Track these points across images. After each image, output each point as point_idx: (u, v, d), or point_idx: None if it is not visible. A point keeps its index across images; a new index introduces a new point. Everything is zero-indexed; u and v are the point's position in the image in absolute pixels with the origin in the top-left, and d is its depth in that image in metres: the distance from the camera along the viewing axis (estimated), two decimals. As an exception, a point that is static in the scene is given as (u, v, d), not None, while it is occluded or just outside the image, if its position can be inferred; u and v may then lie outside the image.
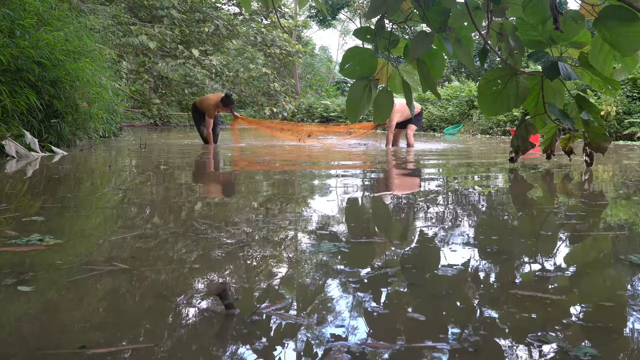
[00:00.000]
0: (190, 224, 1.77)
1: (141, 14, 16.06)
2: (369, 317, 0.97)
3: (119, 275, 1.19)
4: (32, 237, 1.50)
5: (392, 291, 1.11)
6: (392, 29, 2.90)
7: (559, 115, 3.45)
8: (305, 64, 33.96)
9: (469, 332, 0.90)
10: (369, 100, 2.91)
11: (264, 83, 21.13)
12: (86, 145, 6.12)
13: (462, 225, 1.84)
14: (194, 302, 1.03)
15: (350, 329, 0.92)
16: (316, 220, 1.90)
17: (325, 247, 1.46)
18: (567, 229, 1.81)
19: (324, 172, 3.76)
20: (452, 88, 18.10)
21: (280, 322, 0.94)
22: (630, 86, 11.19)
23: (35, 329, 0.90)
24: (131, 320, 0.95)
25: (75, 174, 3.40)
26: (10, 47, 4.62)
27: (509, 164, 4.39)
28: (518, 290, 1.12)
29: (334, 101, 25.15)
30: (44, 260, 1.29)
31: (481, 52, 3.21)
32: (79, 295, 1.07)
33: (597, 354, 0.82)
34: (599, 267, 1.37)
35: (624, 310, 1.03)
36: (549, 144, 4.28)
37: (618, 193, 2.81)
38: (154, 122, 18.01)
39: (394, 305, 1.04)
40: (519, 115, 12.02)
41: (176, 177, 3.45)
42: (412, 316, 0.97)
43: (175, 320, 0.95)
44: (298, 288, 1.14)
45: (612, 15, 2.67)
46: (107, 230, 1.71)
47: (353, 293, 1.10)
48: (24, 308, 0.99)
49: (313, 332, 0.91)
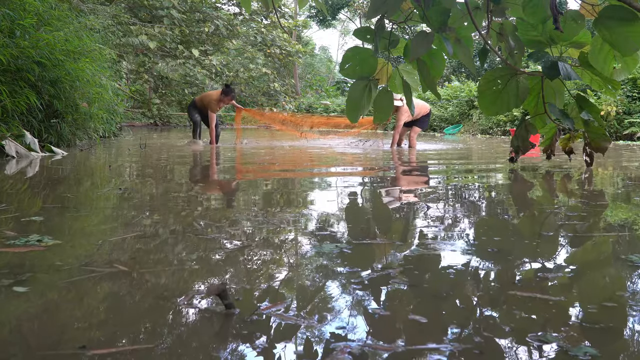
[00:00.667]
0: (190, 224, 1.77)
1: (141, 14, 16.06)
2: (371, 318, 0.97)
3: (118, 276, 1.19)
4: (31, 237, 1.49)
5: (393, 291, 1.11)
6: (392, 29, 2.90)
7: (559, 115, 3.45)
8: (305, 64, 33.96)
9: (470, 332, 0.90)
10: (369, 100, 2.91)
11: (264, 83, 21.14)
12: (86, 145, 6.12)
13: (463, 226, 1.84)
14: (194, 302, 1.03)
15: (351, 329, 0.92)
16: (322, 229, 1.89)
17: (327, 248, 1.46)
18: (568, 229, 1.81)
19: (327, 181, 3.76)
20: (452, 88, 18.11)
21: (280, 323, 0.94)
22: (630, 86, 11.19)
23: (32, 330, 0.90)
24: (131, 320, 0.94)
25: (75, 174, 3.40)
26: (10, 47, 4.62)
27: (509, 164, 4.38)
28: (518, 291, 1.12)
29: (334, 101, 25.16)
30: (42, 262, 1.28)
31: (481, 52, 3.21)
32: (78, 296, 1.06)
33: (597, 354, 0.82)
34: (599, 267, 1.37)
35: (625, 310, 1.02)
36: (549, 144, 4.28)
37: (618, 193, 2.81)
38: (154, 122, 18.02)
39: (396, 306, 1.04)
40: (519, 115, 12.02)
41: (176, 178, 3.45)
42: (414, 318, 0.97)
43: (175, 320, 0.95)
44: (298, 288, 1.14)
45: (612, 15, 2.67)
46: (107, 231, 1.71)
47: (354, 293, 1.10)
48: (21, 309, 0.99)
49: (314, 332, 0.91)
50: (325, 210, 2.14)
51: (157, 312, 0.98)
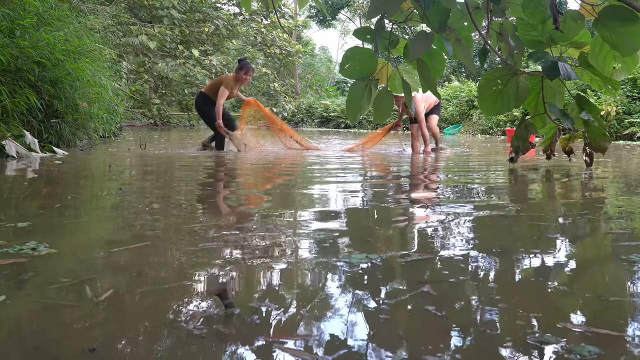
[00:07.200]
0: (194, 231, 1.77)
1: (141, 14, 16.07)
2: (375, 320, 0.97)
3: (118, 278, 1.19)
4: (25, 245, 1.39)
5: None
6: (392, 29, 2.90)
7: (559, 115, 3.45)
8: (305, 64, 33.96)
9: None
10: (369, 100, 2.91)
11: (264, 83, 21.14)
12: (86, 145, 6.12)
13: (463, 227, 1.84)
14: (194, 302, 1.03)
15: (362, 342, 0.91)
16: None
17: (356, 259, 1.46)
18: (568, 230, 1.81)
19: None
20: (452, 88, 18.11)
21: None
22: (630, 86, 11.19)
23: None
24: (131, 320, 0.95)
25: (75, 175, 3.40)
26: (10, 47, 4.62)
27: (508, 164, 4.38)
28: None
29: (334, 101, 25.14)
30: (35, 271, 1.22)
31: (481, 52, 3.21)
32: (75, 295, 1.06)
33: (600, 352, 0.82)
34: (600, 267, 1.37)
35: (626, 310, 1.03)
36: (549, 144, 4.28)
37: (618, 193, 2.81)
38: (154, 122, 18.01)
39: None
40: (519, 115, 12.02)
41: (177, 178, 3.45)
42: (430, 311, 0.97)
43: (175, 320, 0.94)
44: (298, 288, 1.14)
45: (612, 15, 2.67)
46: (106, 237, 1.71)
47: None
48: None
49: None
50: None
51: (157, 312, 0.98)
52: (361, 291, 1.10)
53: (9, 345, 0.84)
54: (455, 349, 0.84)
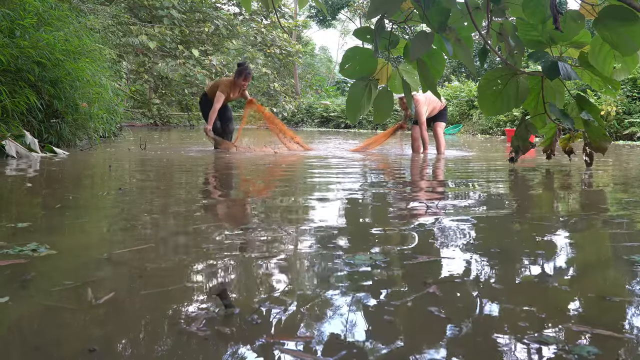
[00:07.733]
0: (194, 231, 1.77)
1: (141, 14, 16.07)
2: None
3: (118, 279, 1.19)
4: (26, 247, 1.39)
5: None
6: (392, 29, 2.90)
7: (559, 115, 3.45)
8: (305, 64, 33.96)
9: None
10: (369, 101, 2.91)
11: (264, 83, 21.15)
12: (86, 145, 6.12)
13: (463, 227, 1.84)
14: (194, 303, 1.03)
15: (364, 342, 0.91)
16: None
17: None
18: (569, 230, 1.81)
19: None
20: (452, 88, 18.12)
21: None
22: (630, 86, 11.20)
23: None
24: (131, 320, 0.95)
25: (75, 175, 3.40)
26: (10, 47, 4.62)
27: (508, 163, 4.38)
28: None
29: (334, 101, 25.15)
30: (36, 273, 1.22)
31: (481, 52, 3.21)
32: (77, 296, 1.06)
33: (599, 352, 0.82)
34: (601, 268, 1.37)
35: (626, 310, 1.03)
36: (549, 144, 4.28)
37: (618, 193, 2.81)
38: (154, 122, 18.01)
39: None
40: (519, 115, 12.02)
41: (177, 178, 3.45)
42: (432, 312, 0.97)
43: (175, 320, 0.94)
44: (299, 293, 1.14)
45: (612, 15, 2.67)
46: (106, 238, 1.71)
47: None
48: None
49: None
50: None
51: (157, 312, 0.98)
52: (363, 292, 1.10)
53: (9, 345, 0.84)
54: (456, 349, 0.84)
